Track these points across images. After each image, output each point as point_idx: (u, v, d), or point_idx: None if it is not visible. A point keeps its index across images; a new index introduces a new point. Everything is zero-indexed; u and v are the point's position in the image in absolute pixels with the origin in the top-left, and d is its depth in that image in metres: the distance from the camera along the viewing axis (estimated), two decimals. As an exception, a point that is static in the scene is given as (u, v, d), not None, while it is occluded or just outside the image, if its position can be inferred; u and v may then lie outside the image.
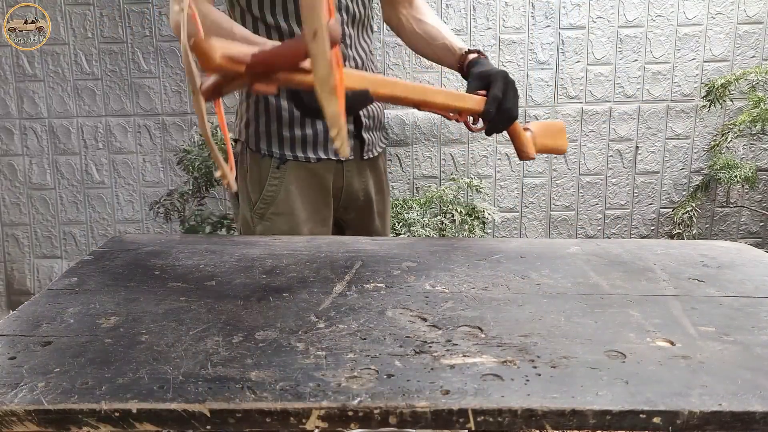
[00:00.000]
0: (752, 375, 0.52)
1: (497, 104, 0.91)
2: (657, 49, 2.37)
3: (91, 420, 0.48)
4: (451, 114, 0.89)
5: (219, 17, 0.98)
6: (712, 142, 2.38)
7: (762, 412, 0.47)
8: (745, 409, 0.47)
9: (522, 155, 0.99)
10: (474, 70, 1.00)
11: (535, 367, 0.53)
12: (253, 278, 0.76)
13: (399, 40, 1.29)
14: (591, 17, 2.35)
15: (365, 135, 1.12)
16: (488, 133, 0.94)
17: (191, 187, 2.11)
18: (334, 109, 0.56)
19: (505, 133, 0.96)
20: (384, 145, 1.22)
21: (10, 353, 0.56)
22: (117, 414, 0.48)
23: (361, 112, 1.10)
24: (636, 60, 2.38)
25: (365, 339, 0.59)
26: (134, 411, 0.48)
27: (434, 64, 2.35)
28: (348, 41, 1.07)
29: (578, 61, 2.39)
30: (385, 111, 1.23)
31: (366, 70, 1.10)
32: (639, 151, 2.44)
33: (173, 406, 0.48)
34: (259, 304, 0.68)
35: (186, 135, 2.41)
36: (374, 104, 1.14)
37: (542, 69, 2.39)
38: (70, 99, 2.40)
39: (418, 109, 0.86)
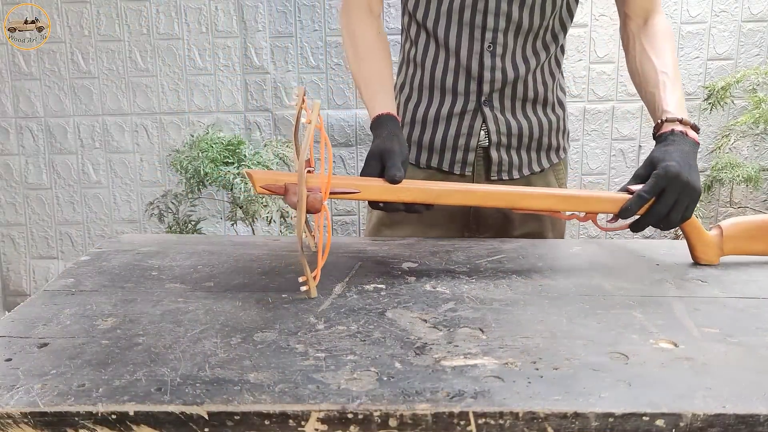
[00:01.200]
0: (756, 377, 0.51)
1: (641, 204, 0.78)
2: (657, 48, 2.36)
3: (87, 422, 0.47)
4: (568, 214, 0.80)
5: (364, 41, 0.98)
6: (715, 144, 2.37)
7: (766, 415, 0.46)
8: (750, 411, 0.46)
9: (695, 258, 0.83)
10: (654, 149, 0.84)
11: (537, 369, 0.53)
12: (251, 279, 0.76)
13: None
14: (593, 15, 2.35)
15: (494, 154, 1.00)
16: (634, 231, 0.81)
17: (184, 188, 2.10)
18: (302, 260, 0.67)
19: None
20: (542, 167, 1.05)
21: (6, 355, 0.56)
22: (114, 416, 0.47)
23: (491, 127, 0.98)
24: (636, 59, 2.37)
25: (365, 341, 0.58)
26: (131, 413, 0.47)
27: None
28: (500, 50, 0.96)
29: (580, 60, 2.38)
30: (561, 117, 1.05)
31: (521, 86, 0.98)
32: (642, 151, 2.44)
33: (171, 408, 0.47)
34: (257, 305, 0.68)
35: (184, 134, 2.41)
36: (519, 119, 1.00)
37: (542, 68, 2.38)
38: (67, 98, 2.40)
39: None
